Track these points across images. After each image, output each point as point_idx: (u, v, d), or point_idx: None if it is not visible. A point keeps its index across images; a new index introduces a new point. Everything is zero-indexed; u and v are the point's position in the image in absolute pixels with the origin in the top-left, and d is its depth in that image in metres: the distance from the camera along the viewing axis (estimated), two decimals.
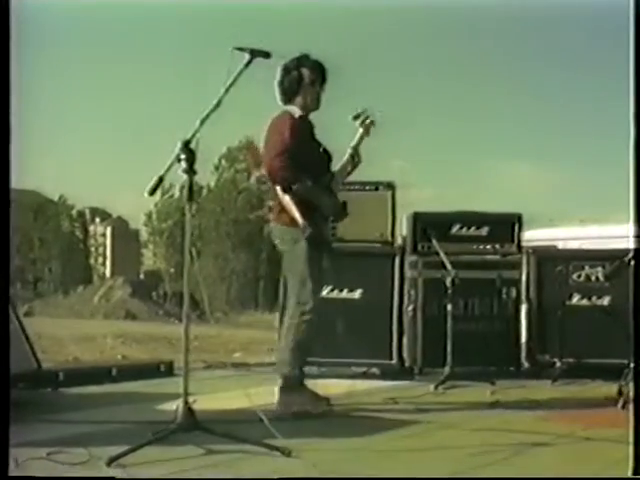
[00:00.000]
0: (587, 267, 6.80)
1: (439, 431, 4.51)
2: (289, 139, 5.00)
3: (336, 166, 5.33)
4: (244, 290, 47.82)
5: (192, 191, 3.96)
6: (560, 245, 7.61)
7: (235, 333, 18.64)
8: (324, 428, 4.45)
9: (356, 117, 5.35)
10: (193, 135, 3.92)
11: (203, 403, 4.02)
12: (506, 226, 6.94)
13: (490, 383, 6.08)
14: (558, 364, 6.56)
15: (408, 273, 6.71)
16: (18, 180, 3.59)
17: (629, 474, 2.65)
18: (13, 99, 3.29)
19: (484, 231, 6.92)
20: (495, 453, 3.89)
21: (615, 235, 7.69)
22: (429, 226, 6.68)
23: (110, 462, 3.50)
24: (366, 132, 5.33)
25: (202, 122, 3.95)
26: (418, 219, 6.82)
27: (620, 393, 5.32)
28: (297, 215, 4.97)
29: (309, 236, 4.94)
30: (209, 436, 3.81)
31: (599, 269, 6.76)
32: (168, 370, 6.54)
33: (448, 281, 6.21)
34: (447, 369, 6.13)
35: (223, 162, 50.67)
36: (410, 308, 6.71)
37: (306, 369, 6.39)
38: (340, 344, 6.46)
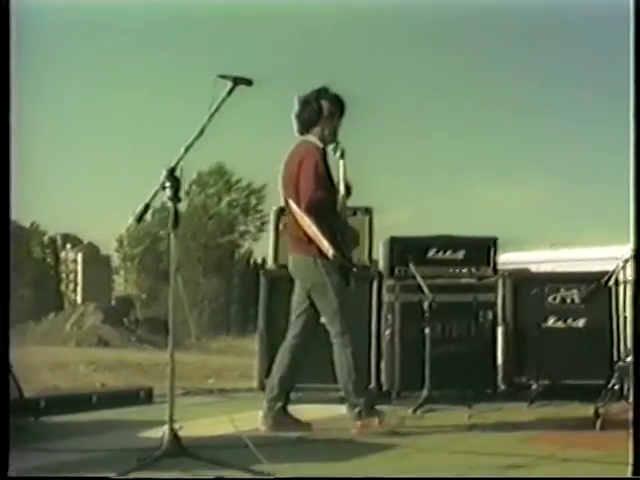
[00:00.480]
0: (562, 289, 6.89)
1: (418, 454, 4.55)
2: (322, 170, 5.15)
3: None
4: (216, 315, 47.73)
5: (178, 218, 4.01)
6: (533, 268, 7.68)
7: (208, 359, 18.58)
8: (307, 453, 4.47)
9: (334, 150, 5.41)
10: (177, 162, 3.97)
11: (187, 429, 4.04)
12: (482, 250, 7.02)
13: (467, 406, 6.13)
14: (534, 386, 6.63)
15: (385, 297, 6.77)
16: None
17: (629, 474, 2.74)
18: None
19: (460, 255, 6.99)
20: (475, 475, 3.93)
21: (585, 258, 7.80)
22: (406, 250, 6.75)
23: None
24: (342, 157, 5.35)
25: (187, 149, 4.01)
26: (395, 243, 6.89)
27: (597, 415, 5.39)
28: (326, 245, 5.07)
29: (338, 268, 5.09)
30: (195, 462, 3.83)
31: (574, 291, 6.86)
32: (147, 397, 6.54)
33: (425, 305, 6.27)
34: (425, 392, 6.17)
35: (194, 187, 50.67)
36: (387, 332, 6.76)
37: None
38: (318, 369, 6.48)
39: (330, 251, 5.08)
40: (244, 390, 7.21)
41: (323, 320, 5.32)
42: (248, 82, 4.29)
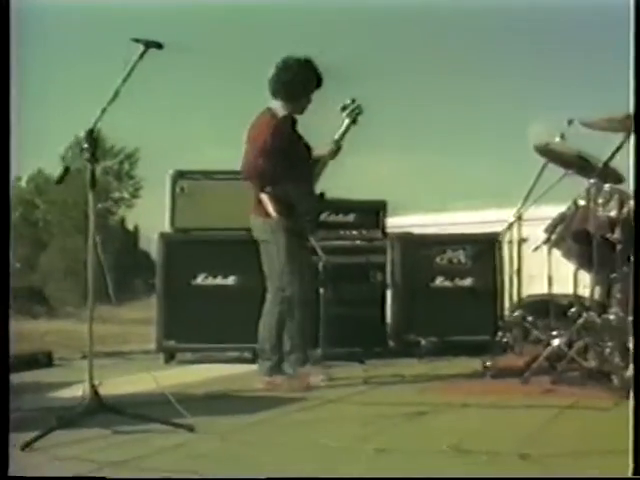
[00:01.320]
0: (449, 251, 7.21)
1: (327, 405, 4.78)
2: (270, 141, 5.39)
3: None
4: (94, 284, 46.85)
5: (94, 179, 4.11)
6: (420, 231, 7.94)
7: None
8: (219, 407, 4.65)
9: (344, 108, 5.73)
10: (95, 124, 4.06)
11: (104, 388, 4.13)
12: (371, 213, 7.28)
13: (360, 362, 6.42)
14: (423, 342, 6.95)
15: None
16: None
17: (629, 474, 2.69)
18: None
19: (351, 217, 7.23)
20: (383, 422, 4.19)
21: (471, 221, 8.12)
22: None
23: (23, 447, 3.60)
24: (353, 122, 5.72)
25: (102, 112, 4.09)
26: None
27: (485, 366, 5.74)
28: (271, 210, 5.37)
29: (285, 228, 5.38)
30: (116, 417, 3.96)
31: (460, 252, 7.19)
32: (48, 360, 6.60)
33: (320, 266, 6.50)
34: (319, 351, 6.42)
35: (70, 153, 49.48)
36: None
37: (180, 355, 6.74)
38: (215, 330, 6.67)
39: (273, 214, 5.37)
40: (141, 352, 7.35)
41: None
42: (159, 45, 4.41)
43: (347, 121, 5.75)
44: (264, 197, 5.40)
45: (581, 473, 3.09)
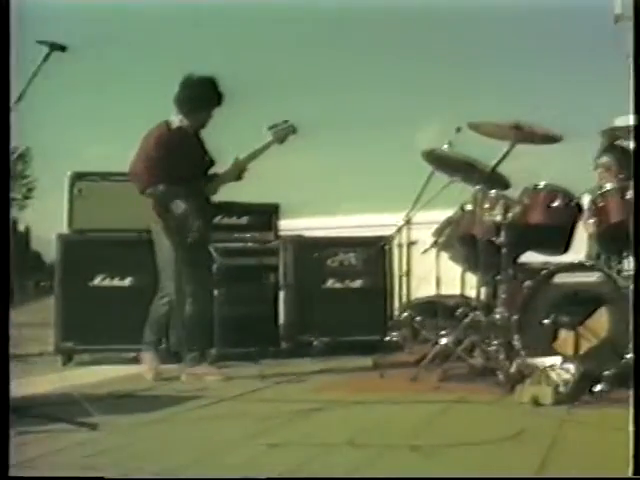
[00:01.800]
0: (341, 253, 7.41)
1: (224, 403, 4.91)
2: (153, 148, 5.78)
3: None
4: None
5: None
6: (312, 234, 8.12)
7: None
8: (124, 406, 4.74)
9: (272, 127, 6.03)
10: None
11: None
12: (264, 216, 7.44)
13: (254, 362, 6.58)
14: (316, 342, 7.14)
15: None
16: None
17: (629, 474, 2.73)
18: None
19: (244, 220, 7.38)
20: (278, 419, 4.34)
21: (363, 224, 8.34)
22: None
23: None
24: (281, 142, 6.04)
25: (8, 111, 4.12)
26: None
27: (375, 365, 5.96)
28: (153, 213, 5.82)
29: (165, 229, 5.81)
30: (21, 418, 4.00)
31: (352, 254, 7.40)
32: None
33: (214, 268, 6.65)
34: (214, 351, 6.56)
35: None
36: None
37: (77, 357, 6.81)
38: (113, 331, 6.74)
39: (155, 217, 5.83)
40: (36, 355, 7.34)
41: None
42: (62, 48, 4.50)
43: (269, 140, 5.99)
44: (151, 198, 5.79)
45: (470, 463, 3.29)
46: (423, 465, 3.27)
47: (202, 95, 5.86)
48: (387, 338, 6.29)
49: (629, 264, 5.53)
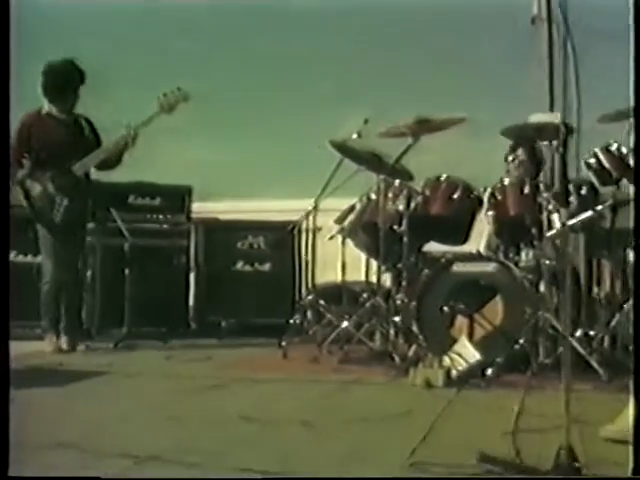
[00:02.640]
0: (250, 236, 7.56)
1: (132, 379, 5.10)
2: (15, 136, 5.94)
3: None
4: None
5: None
6: (223, 217, 8.24)
7: None
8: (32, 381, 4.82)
9: (165, 95, 6.17)
10: None
11: None
12: (177, 198, 7.54)
13: (163, 342, 6.71)
14: (224, 324, 7.31)
15: (87, 240, 7.10)
16: None
17: (629, 474, 2.73)
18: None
19: (157, 201, 7.47)
20: (179, 394, 4.51)
21: (269, 209, 8.49)
22: (106, 195, 7.13)
23: None
24: (168, 110, 6.13)
25: None
26: (97, 188, 7.18)
27: (280, 345, 6.14)
28: (21, 197, 6.04)
29: (32, 215, 6.10)
30: None
31: (261, 238, 7.56)
32: None
33: (126, 247, 6.77)
34: (124, 329, 6.69)
35: None
36: (89, 273, 7.13)
37: None
38: (22, 307, 6.76)
39: (23, 202, 6.08)
40: None
41: None
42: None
43: (156, 109, 6.12)
44: None
45: (356, 437, 3.50)
46: (312, 439, 3.46)
47: (62, 79, 6.12)
48: (292, 321, 6.45)
49: (526, 255, 5.79)
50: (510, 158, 5.97)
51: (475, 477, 2.84)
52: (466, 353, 4.96)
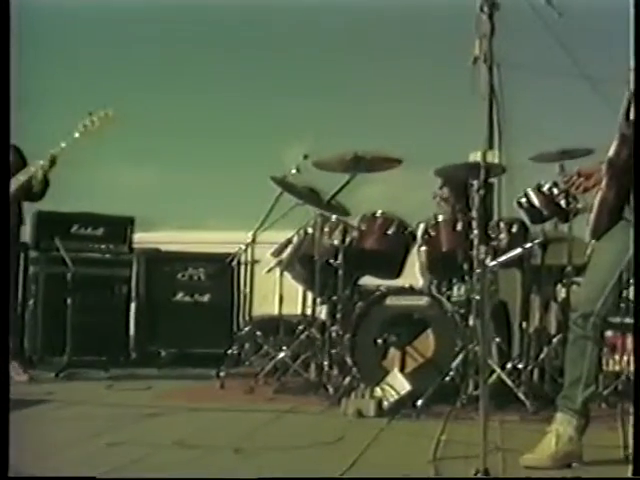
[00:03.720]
0: (190, 268, 7.65)
1: (73, 407, 5.16)
2: None
3: None
4: None
5: None
6: (163, 248, 8.31)
7: None
8: None
9: (90, 114, 6.12)
10: None
11: None
12: (119, 228, 7.61)
13: (104, 370, 6.75)
14: (164, 353, 7.36)
15: (31, 269, 7.15)
16: None
17: (629, 474, 2.79)
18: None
19: (100, 231, 7.52)
20: (118, 421, 4.58)
21: (209, 240, 8.56)
22: (51, 224, 7.19)
23: None
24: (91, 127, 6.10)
25: None
26: (41, 218, 7.26)
27: (218, 375, 6.22)
28: None
29: None
30: None
31: (201, 270, 7.64)
32: None
33: (68, 276, 6.82)
34: (65, 358, 6.72)
35: None
36: (31, 302, 7.16)
37: None
38: None
39: None
40: None
41: None
42: None
43: (77, 135, 6.14)
44: None
45: (287, 464, 3.60)
46: (244, 465, 3.57)
47: None
48: (230, 351, 6.53)
49: (458, 290, 5.97)
50: (436, 195, 6.14)
51: None
52: (397, 384, 5.09)
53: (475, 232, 5.34)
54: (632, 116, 3.48)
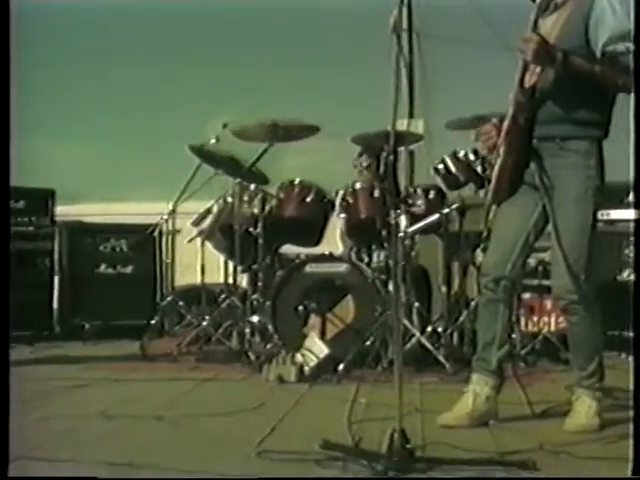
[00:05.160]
0: (112, 239, 7.57)
1: None
2: None
3: None
4: None
5: None
6: (87, 220, 8.21)
7: None
8: None
9: None
10: None
11: None
12: (40, 200, 7.48)
13: (28, 344, 6.66)
14: (88, 326, 7.29)
15: None
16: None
17: (629, 474, 2.75)
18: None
19: (21, 204, 7.40)
20: (44, 394, 4.54)
21: (133, 212, 8.47)
22: None
23: None
24: None
25: None
26: None
27: (141, 347, 6.18)
28: None
29: None
30: None
31: (123, 241, 7.57)
32: None
33: None
34: None
35: None
36: None
37: None
38: None
39: None
40: None
41: None
42: None
43: None
44: None
45: (209, 431, 3.61)
46: (169, 434, 3.59)
47: None
48: (153, 322, 6.48)
49: (377, 256, 6.02)
50: (356, 164, 6.17)
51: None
52: (315, 348, 5.14)
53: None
54: (526, 84, 3.56)
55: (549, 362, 5.74)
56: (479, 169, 5.63)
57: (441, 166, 5.78)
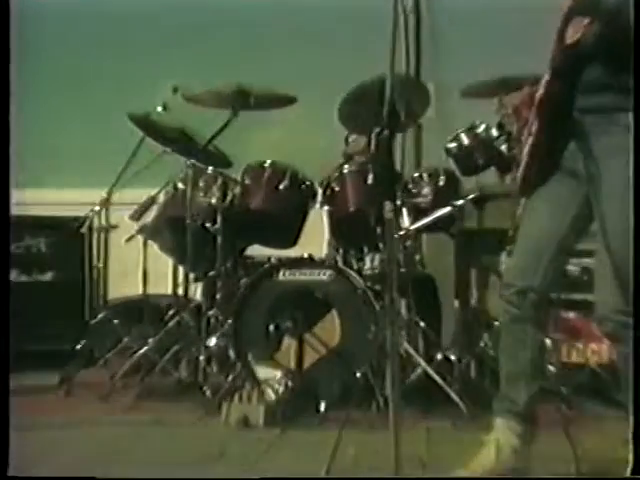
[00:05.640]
0: (28, 237, 7.42)
1: None
2: None
3: None
4: None
5: None
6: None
7: None
8: None
9: None
10: None
11: None
12: None
13: None
14: None
15: None
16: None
17: (628, 474, 2.85)
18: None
19: None
20: None
21: (50, 201, 8.35)
22: None
23: None
24: None
25: None
26: None
27: (63, 380, 6.09)
28: None
29: None
30: None
31: (41, 239, 7.41)
32: None
33: None
34: None
35: None
36: None
37: None
38: None
39: None
40: None
41: None
42: None
43: None
44: None
45: None
46: None
47: None
48: (79, 347, 6.37)
49: (371, 261, 5.92)
50: (350, 139, 6.09)
51: None
52: (269, 375, 5.10)
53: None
54: (568, 39, 3.47)
55: (598, 404, 5.57)
56: (504, 149, 5.53)
57: (454, 144, 5.71)
